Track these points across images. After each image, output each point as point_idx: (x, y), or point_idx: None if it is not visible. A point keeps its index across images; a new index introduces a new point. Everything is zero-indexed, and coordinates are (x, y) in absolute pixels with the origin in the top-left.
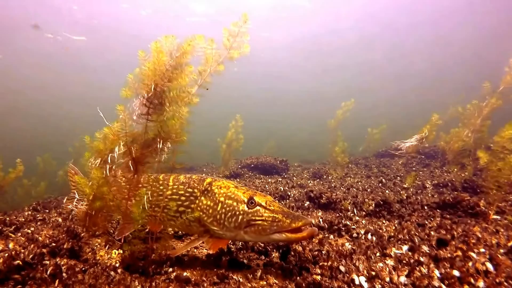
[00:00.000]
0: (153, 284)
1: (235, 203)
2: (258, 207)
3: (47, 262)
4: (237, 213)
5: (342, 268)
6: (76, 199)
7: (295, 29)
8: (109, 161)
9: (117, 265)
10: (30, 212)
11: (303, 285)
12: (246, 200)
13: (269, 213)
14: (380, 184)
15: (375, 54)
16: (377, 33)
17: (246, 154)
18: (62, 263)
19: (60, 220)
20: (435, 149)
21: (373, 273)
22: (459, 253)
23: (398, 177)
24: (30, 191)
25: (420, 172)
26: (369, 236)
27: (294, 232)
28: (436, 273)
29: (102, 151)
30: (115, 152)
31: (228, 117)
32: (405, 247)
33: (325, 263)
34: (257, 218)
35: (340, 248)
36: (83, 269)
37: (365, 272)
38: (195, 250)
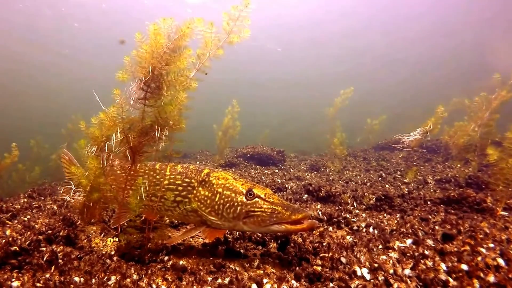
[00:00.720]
0: (149, 272)
1: (233, 194)
2: (257, 199)
3: (44, 249)
4: (236, 204)
5: (343, 260)
6: (72, 190)
7: (290, 12)
8: (106, 149)
9: (113, 253)
10: (25, 200)
11: (303, 275)
12: (244, 191)
13: (268, 205)
14: (380, 178)
15: (373, 40)
16: (375, 18)
17: (241, 142)
18: (58, 250)
19: (55, 207)
20: (437, 143)
21: (376, 265)
22: (467, 247)
23: (398, 172)
24: (24, 176)
25: (421, 167)
26: (370, 229)
27: (294, 224)
28: (443, 266)
29: (98, 138)
30: (112, 140)
31: (222, 102)
32: (409, 241)
33: (326, 255)
34: (256, 209)
35: (341, 240)
36: (79, 256)
37: (367, 264)
38: (191, 239)
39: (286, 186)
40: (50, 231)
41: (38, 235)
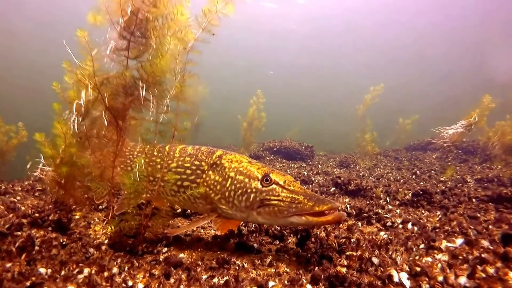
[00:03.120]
0: (135, 265)
1: (246, 179)
2: (274, 186)
3: (20, 233)
4: (249, 190)
5: (375, 260)
6: (41, 164)
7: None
8: (74, 110)
9: (105, 241)
10: (30, 182)
11: (322, 277)
12: (260, 176)
13: (287, 193)
14: (413, 176)
15: (403, 39)
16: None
17: (269, 139)
18: (37, 235)
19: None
20: (474, 144)
21: (418, 269)
22: None
23: (433, 171)
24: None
25: (457, 167)
26: (409, 225)
27: (317, 216)
28: None
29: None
30: (81, 99)
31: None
32: (459, 240)
33: (354, 253)
34: (272, 197)
35: (373, 236)
36: (63, 243)
37: (406, 267)
38: (202, 231)
39: (313, 179)
40: (37, 214)
41: (22, 218)
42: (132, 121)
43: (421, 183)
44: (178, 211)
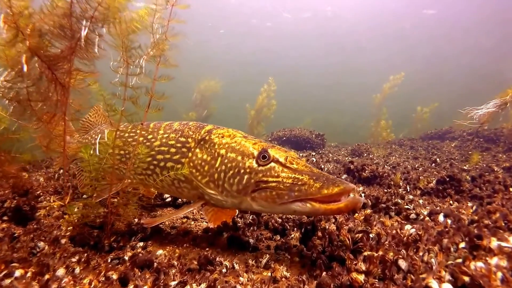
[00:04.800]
0: (92, 264)
1: (239, 157)
2: (273, 164)
3: None
4: (242, 171)
5: (402, 264)
6: None
7: None
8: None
9: (68, 234)
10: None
11: (331, 286)
12: (256, 153)
13: (288, 173)
14: (433, 164)
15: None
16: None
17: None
18: None
19: (41, 180)
20: (496, 132)
21: (466, 278)
22: None
23: (453, 160)
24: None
25: (479, 156)
26: (440, 218)
27: (326, 202)
28: None
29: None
30: None
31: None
32: None
33: (374, 253)
34: (270, 179)
35: (397, 231)
36: (14, 235)
37: (447, 275)
38: (192, 223)
39: (322, 167)
40: None
41: None
42: (78, 76)
43: (442, 172)
44: (167, 199)
